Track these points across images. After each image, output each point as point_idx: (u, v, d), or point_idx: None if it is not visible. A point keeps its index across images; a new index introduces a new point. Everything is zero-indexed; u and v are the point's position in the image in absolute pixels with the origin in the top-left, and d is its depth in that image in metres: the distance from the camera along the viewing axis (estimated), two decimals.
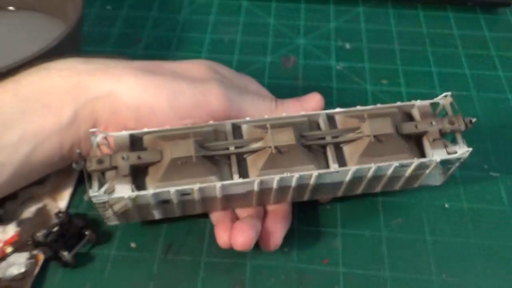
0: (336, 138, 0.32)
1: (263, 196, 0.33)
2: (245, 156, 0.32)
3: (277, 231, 0.33)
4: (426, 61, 0.51)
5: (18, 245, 0.34)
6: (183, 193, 0.31)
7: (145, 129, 0.32)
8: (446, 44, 0.53)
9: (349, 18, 0.56)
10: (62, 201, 0.37)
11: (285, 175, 0.30)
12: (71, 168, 0.30)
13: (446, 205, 0.39)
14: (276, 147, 0.31)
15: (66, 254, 0.33)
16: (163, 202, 0.31)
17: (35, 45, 0.37)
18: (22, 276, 0.33)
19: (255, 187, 0.31)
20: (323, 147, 0.33)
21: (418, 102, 0.35)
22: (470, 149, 0.32)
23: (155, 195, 0.30)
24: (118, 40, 0.52)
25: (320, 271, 0.35)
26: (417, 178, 0.35)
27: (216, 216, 0.35)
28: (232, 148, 0.32)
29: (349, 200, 0.38)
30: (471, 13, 0.57)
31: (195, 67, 0.36)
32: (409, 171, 0.33)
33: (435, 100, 0.35)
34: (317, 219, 0.38)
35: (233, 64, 0.50)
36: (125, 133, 0.32)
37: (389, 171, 0.32)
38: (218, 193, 0.31)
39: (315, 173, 0.31)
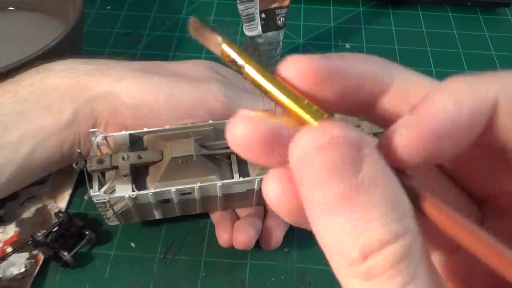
0: None
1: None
2: None
3: (277, 230, 0.33)
4: (426, 61, 0.51)
5: (18, 245, 0.34)
6: (183, 193, 0.31)
7: (145, 129, 0.32)
8: (446, 44, 0.53)
9: (349, 18, 0.56)
10: (62, 201, 0.37)
11: None
12: (71, 168, 0.31)
13: None
14: None
15: (66, 254, 0.33)
16: (164, 202, 0.31)
17: (35, 45, 0.37)
18: (22, 276, 0.33)
19: (256, 186, 0.31)
20: None
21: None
22: None
23: (156, 194, 0.30)
24: (118, 40, 0.52)
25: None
26: None
27: (217, 216, 0.35)
28: None
29: None
30: (471, 13, 0.57)
31: (195, 67, 0.36)
32: None
33: None
34: None
35: None
36: (125, 133, 0.32)
37: None
38: (218, 192, 0.31)
39: None
